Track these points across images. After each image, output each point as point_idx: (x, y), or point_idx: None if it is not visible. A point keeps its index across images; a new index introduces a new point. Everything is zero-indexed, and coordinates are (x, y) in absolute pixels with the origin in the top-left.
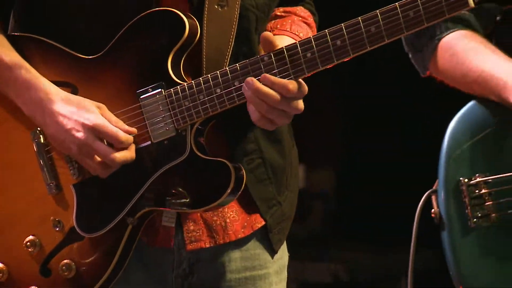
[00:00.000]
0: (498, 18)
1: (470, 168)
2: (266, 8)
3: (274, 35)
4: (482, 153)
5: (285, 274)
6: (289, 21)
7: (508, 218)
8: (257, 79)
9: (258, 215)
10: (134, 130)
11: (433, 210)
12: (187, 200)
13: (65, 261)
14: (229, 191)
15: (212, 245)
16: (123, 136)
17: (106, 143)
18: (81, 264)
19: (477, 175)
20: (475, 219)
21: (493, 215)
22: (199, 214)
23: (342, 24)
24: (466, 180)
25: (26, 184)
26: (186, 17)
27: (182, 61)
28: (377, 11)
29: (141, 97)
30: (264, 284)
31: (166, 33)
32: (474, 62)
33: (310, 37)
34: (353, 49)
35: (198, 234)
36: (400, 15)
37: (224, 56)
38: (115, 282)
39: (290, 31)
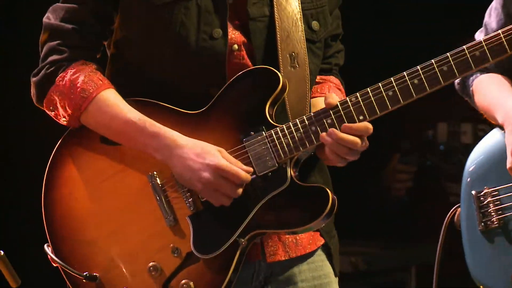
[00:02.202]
0: None
1: (481, 182)
2: (315, 73)
3: (316, 97)
4: (490, 170)
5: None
6: (327, 86)
7: (506, 220)
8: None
9: (318, 234)
10: (251, 169)
11: (455, 219)
12: (289, 222)
13: (184, 280)
14: (326, 212)
15: (286, 258)
16: (244, 175)
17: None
18: (199, 282)
19: (485, 187)
20: (482, 223)
21: (496, 218)
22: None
23: (418, 67)
24: (476, 192)
25: (146, 219)
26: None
27: (274, 110)
28: (448, 53)
29: (244, 139)
30: None
31: (264, 86)
32: (488, 95)
33: (391, 79)
34: (429, 86)
35: (275, 249)
36: (468, 56)
37: (305, 106)
38: None
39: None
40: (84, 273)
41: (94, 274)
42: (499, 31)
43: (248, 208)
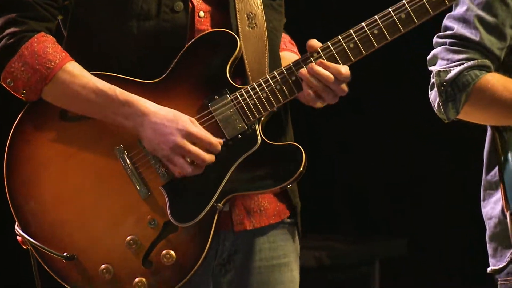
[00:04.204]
0: None
1: None
2: (280, 28)
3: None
4: None
5: (298, 261)
6: (283, 41)
7: None
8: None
9: (284, 206)
10: (221, 141)
11: None
12: (265, 182)
13: (165, 250)
14: (301, 168)
15: (251, 228)
16: (214, 140)
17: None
18: (180, 251)
19: None
20: None
21: None
22: (240, 203)
23: (376, 16)
24: None
25: (118, 193)
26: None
27: (232, 72)
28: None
29: (209, 104)
30: (287, 269)
31: (222, 49)
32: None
33: (349, 30)
34: (389, 34)
35: (241, 217)
36: (395, 17)
37: (264, 66)
38: None
39: (287, 48)
40: (64, 254)
41: (72, 254)
42: None
43: (222, 172)
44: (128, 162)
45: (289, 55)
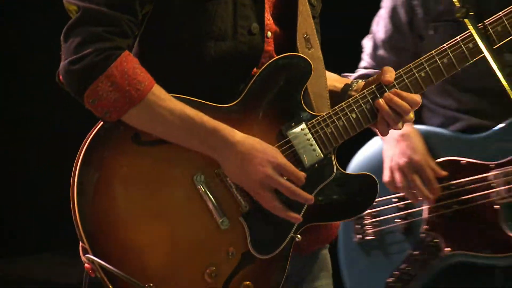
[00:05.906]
0: None
1: None
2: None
3: None
4: None
5: None
6: None
7: (382, 233)
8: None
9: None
10: (304, 174)
11: None
12: (341, 212)
13: (245, 282)
14: (374, 200)
15: (326, 244)
16: (302, 176)
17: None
18: (258, 282)
19: None
20: (358, 235)
21: (371, 231)
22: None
23: (445, 45)
24: None
25: (197, 222)
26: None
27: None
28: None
29: (288, 132)
30: None
31: (296, 74)
32: None
33: (421, 59)
34: (458, 63)
35: (315, 237)
36: (463, 47)
37: (323, 88)
38: None
39: None
40: (146, 285)
41: (151, 284)
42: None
43: (299, 203)
44: (208, 191)
45: (327, 74)
